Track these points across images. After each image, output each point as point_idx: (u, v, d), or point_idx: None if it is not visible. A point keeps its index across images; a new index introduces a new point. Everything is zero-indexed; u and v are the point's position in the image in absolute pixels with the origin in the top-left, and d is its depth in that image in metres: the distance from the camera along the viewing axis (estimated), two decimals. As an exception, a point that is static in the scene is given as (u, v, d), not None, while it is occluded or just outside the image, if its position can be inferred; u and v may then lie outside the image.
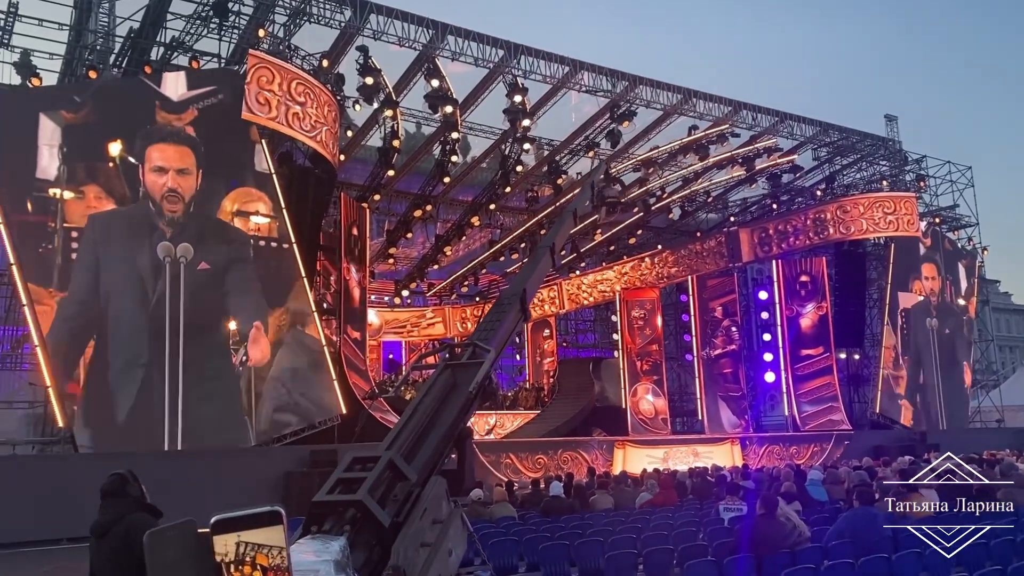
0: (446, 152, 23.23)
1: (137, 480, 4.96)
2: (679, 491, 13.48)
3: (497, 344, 3.57)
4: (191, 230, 16.77)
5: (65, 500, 12.46)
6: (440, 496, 2.86)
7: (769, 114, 26.06)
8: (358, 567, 2.03)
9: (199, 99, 17.14)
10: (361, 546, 2.23)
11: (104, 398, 15.53)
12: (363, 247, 23.16)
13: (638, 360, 28.50)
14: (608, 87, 22.85)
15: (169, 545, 1.40)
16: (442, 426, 4.21)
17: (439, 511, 2.68)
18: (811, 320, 28.90)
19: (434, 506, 2.70)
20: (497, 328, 3.55)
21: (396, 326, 33.17)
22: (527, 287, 3.80)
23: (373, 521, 2.26)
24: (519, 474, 19.91)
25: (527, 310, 3.69)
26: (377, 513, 2.35)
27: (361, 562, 2.15)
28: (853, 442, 25.81)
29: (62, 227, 15.74)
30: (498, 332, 3.61)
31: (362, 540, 2.27)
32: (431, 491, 2.86)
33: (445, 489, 3.02)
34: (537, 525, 10.10)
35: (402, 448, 3.68)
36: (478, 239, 30.24)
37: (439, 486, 2.94)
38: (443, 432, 4.07)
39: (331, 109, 18.91)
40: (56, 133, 16.00)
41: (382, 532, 2.26)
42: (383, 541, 2.11)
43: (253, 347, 16.90)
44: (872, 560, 6.63)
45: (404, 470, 2.93)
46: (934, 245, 30.24)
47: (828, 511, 10.30)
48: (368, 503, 2.47)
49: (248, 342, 16.85)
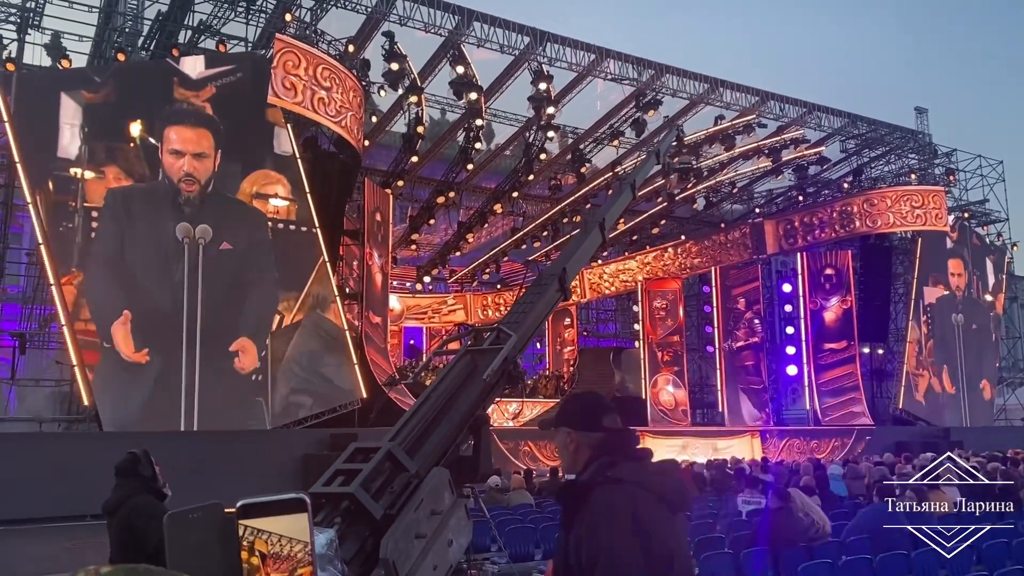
0: (470, 139, 23.20)
1: (151, 461, 5.06)
2: (698, 483, 13.46)
3: (526, 327, 3.50)
4: (210, 211, 16.89)
5: (89, 477, 12.62)
6: (441, 487, 2.86)
7: (797, 105, 25.75)
8: (349, 558, 2.03)
9: (217, 77, 17.23)
10: (353, 538, 2.24)
11: (123, 374, 15.70)
12: (386, 233, 23.22)
13: (659, 351, 28.44)
14: (634, 75, 22.68)
15: (193, 528, 1.40)
16: (455, 414, 4.20)
17: (439, 502, 2.68)
18: (835, 314, 28.66)
19: (433, 497, 2.70)
20: (529, 310, 3.49)
21: (417, 312, 33.28)
22: (567, 265, 3.70)
23: (365, 513, 2.27)
24: (537, 462, 19.96)
25: (567, 289, 3.61)
26: (369, 505, 2.36)
27: (352, 554, 2.16)
28: (875, 437, 25.59)
29: (82, 207, 15.90)
30: (529, 314, 3.55)
31: (354, 532, 2.28)
32: (430, 482, 2.86)
33: (448, 479, 3.01)
34: (554, 514, 10.11)
35: (407, 438, 3.68)
36: (500, 227, 30.22)
37: (440, 476, 2.93)
38: (456, 420, 4.06)
39: (356, 94, 18.94)
40: (77, 113, 16.16)
41: (375, 524, 2.27)
42: (376, 533, 2.10)
43: (243, 356, 16.99)
44: (891, 556, 6.58)
45: (404, 462, 2.93)
46: (961, 240, 29.83)
47: (848, 506, 10.24)
48: (360, 495, 2.48)
49: (239, 353, 16.96)
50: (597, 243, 4.15)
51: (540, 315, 3.46)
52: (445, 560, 2.52)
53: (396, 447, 3.25)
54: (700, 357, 31.24)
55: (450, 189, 25.62)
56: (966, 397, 28.90)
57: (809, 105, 26.01)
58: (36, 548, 11.42)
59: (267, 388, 17.06)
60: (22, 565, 10.13)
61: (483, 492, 10.23)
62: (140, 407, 15.72)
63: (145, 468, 4.99)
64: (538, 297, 3.48)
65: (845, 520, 8.28)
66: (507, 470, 14.88)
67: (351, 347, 18.36)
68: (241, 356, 16.78)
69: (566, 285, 3.54)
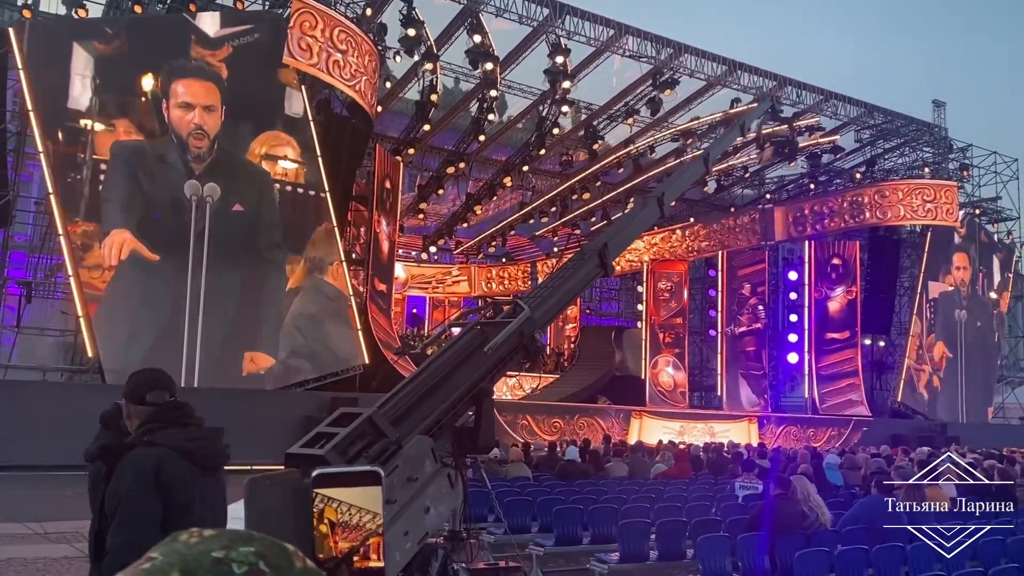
0: (483, 110, 23.06)
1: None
2: (694, 465, 13.51)
3: (551, 303, 3.48)
4: (218, 169, 16.83)
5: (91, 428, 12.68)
6: (421, 455, 2.88)
7: (814, 92, 25.53)
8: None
9: (235, 36, 17.09)
10: None
11: (126, 321, 15.73)
12: (395, 200, 23.16)
13: (661, 332, 28.44)
14: (652, 53, 22.47)
15: (269, 493, 1.41)
16: (454, 385, 4.20)
17: (417, 469, 2.70)
18: (839, 304, 28.61)
19: (410, 464, 2.72)
20: (558, 285, 3.49)
21: (422, 281, 33.29)
22: (610, 240, 3.67)
23: None
24: (534, 436, 20.05)
25: (608, 265, 3.57)
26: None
27: None
28: (872, 429, 25.67)
29: (91, 159, 15.86)
30: (558, 289, 3.54)
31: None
32: (408, 450, 2.89)
33: (431, 448, 3.05)
34: (552, 487, 10.18)
35: (396, 406, 3.70)
36: (509, 200, 30.13)
37: (420, 445, 2.96)
38: (455, 391, 4.06)
39: (372, 59, 18.79)
40: (89, 64, 16.05)
41: None
42: None
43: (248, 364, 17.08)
44: (887, 548, 6.61)
45: (384, 428, 2.96)
46: (969, 236, 29.71)
47: (843, 496, 10.28)
48: (331, 459, 2.53)
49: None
50: (653, 217, 4.09)
51: (573, 290, 3.43)
52: (420, 526, 2.54)
53: (378, 414, 3.28)
54: (702, 340, 31.25)
55: (460, 160, 25.51)
56: (964, 393, 28.94)
57: (826, 93, 25.79)
58: (37, 495, 11.52)
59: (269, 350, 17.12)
60: (23, 510, 10.22)
61: (483, 463, 10.29)
62: (142, 360, 15.76)
63: (125, 423, 5.05)
64: (572, 272, 3.46)
65: (841, 510, 8.31)
66: (505, 443, 14.95)
67: (355, 312, 18.38)
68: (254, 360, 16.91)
69: (607, 261, 3.50)
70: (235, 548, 0.70)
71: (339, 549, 1.28)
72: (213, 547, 0.69)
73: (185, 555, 0.69)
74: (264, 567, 0.69)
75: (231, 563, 0.68)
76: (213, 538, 0.71)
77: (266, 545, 0.71)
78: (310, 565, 0.73)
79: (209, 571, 0.67)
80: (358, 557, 1.30)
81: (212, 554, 0.69)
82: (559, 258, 32.79)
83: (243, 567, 0.68)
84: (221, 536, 0.71)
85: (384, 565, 1.34)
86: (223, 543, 0.70)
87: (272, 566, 0.70)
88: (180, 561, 0.68)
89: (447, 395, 4.22)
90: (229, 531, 0.72)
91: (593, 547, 8.12)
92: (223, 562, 0.68)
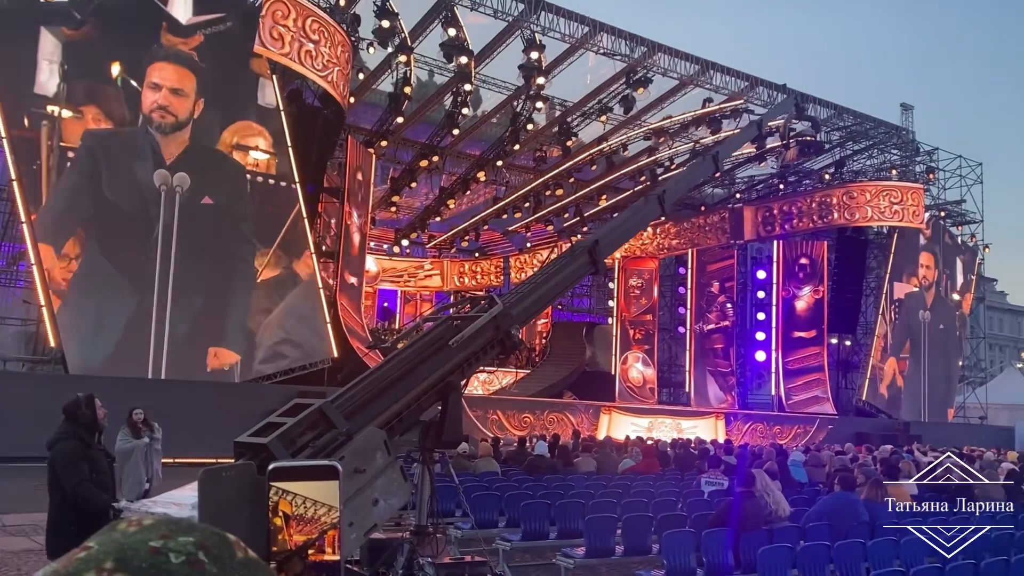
0: (457, 103, 22.96)
1: (93, 406, 5.46)
2: (661, 460, 13.61)
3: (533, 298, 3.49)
4: (189, 160, 16.62)
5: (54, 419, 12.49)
6: (372, 447, 2.88)
7: (785, 92, 25.69)
8: None
9: (207, 25, 16.89)
10: None
11: (90, 314, 15.49)
12: (366, 193, 23.02)
13: (631, 328, 28.61)
14: (626, 51, 22.52)
15: (225, 485, 1.40)
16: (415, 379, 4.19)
17: (366, 461, 2.71)
18: (806, 303, 28.96)
19: (358, 456, 2.73)
20: (541, 280, 3.50)
21: (393, 275, 33.15)
22: (601, 237, 3.68)
23: None
24: (504, 431, 20.06)
25: (598, 263, 3.57)
26: (281, 458, 2.41)
27: None
28: (836, 427, 26.02)
29: (59, 146, 15.58)
30: (542, 285, 3.55)
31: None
32: (358, 442, 2.89)
33: (383, 440, 3.05)
34: (520, 482, 10.19)
35: (353, 398, 3.68)
36: (482, 195, 30.06)
37: (371, 437, 2.95)
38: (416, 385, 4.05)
39: (344, 50, 18.64)
40: (57, 49, 15.78)
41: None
42: None
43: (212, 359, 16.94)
44: (848, 544, 6.70)
45: (334, 419, 2.96)
46: (934, 237, 30.21)
47: (807, 492, 10.41)
48: (273, 448, 2.54)
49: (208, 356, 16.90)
50: (652, 216, 4.09)
51: (559, 286, 3.42)
52: (368, 517, 2.54)
53: (328, 405, 3.28)
54: (671, 337, 31.47)
55: (434, 153, 25.39)
56: (927, 393, 29.44)
57: (797, 94, 25.98)
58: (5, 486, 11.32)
59: (241, 344, 16.97)
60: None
61: (451, 458, 10.28)
62: (108, 351, 15.54)
63: (85, 414, 5.41)
64: (557, 268, 3.47)
65: (805, 506, 8.42)
66: (475, 438, 14.94)
67: (325, 305, 18.26)
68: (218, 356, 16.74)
69: (597, 258, 3.47)
70: (174, 538, 0.68)
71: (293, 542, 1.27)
72: (151, 536, 0.68)
73: (122, 544, 0.67)
74: (203, 557, 0.68)
75: (168, 552, 0.67)
76: (152, 527, 0.69)
77: (207, 535, 0.70)
78: (252, 555, 0.72)
79: (145, 560, 0.66)
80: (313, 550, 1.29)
81: (150, 543, 0.67)
82: (532, 253, 32.83)
83: (180, 557, 0.67)
84: (160, 525, 0.69)
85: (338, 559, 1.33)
86: (162, 532, 0.69)
87: (212, 556, 0.68)
88: (116, 550, 0.67)
89: (407, 389, 4.22)
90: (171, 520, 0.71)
91: (560, 542, 8.14)
92: (160, 551, 0.67)
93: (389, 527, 8.80)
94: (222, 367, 16.69)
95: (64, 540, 5.20)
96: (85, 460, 5.28)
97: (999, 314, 65.45)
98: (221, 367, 16.68)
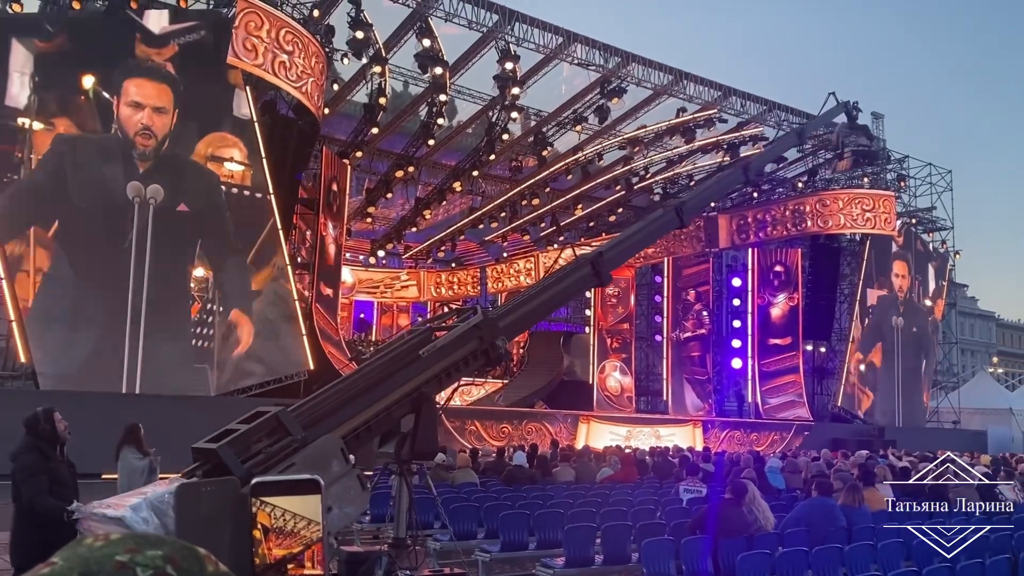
0: (432, 114, 22.96)
1: (52, 419, 5.59)
2: (640, 469, 13.63)
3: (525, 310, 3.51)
4: (162, 170, 16.48)
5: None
6: (328, 455, 2.88)
7: (757, 102, 26.02)
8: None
9: (180, 34, 16.78)
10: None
11: (60, 323, 15.26)
12: (341, 204, 22.93)
13: (608, 337, 28.68)
14: (600, 62, 22.65)
15: (204, 501, 1.38)
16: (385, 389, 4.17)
17: (320, 469, 2.72)
18: (781, 310, 29.19)
19: (310, 463, 2.75)
20: (537, 293, 3.53)
21: (369, 286, 33.01)
22: (606, 248, 3.68)
23: (227, 471, 2.44)
24: (483, 442, 20.01)
25: (602, 274, 3.56)
26: (231, 463, 2.45)
27: None
28: (813, 433, 26.21)
29: (29, 157, 15.40)
30: (536, 296, 3.58)
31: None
32: (311, 449, 2.90)
33: (340, 448, 3.04)
34: (499, 493, 10.16)
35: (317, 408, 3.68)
36: (458, 205, 30.06)
37: (326, 444, 2.96)
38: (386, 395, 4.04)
39: (319, 61, 18.59)
40: (28, 61, 15.61)
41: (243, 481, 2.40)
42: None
43: (240, 331, 16.91)
44: (826, 550, 6.75)
45: (289, 427, 2.98)
46: (906, 244, 30.59)
47: (785, 499, 10.46)
48: (223, 454, 2.58)
49: (236, 328, 16.82)
50: (669, 227, 4.08)
51: (556, 298, 3.41)
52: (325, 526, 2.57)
53: (285, 412, 3.29)
54: (648, 346, 31.58)
55: (409, 164, 25.37)
56: (901, 398, 29.75)
57: (770, 103, 26.31)
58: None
59: (212, 356, 16.78)
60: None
61: (429, 469, 10.23)
62: (80, 366, 15.31)
63: (43, 427, 5.56)
64: (555, 279, 3.49)
65: (783, 512, 8.46)
66: (453, 449, 14.88)
67: (300, 317, 18.13)
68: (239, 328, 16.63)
69: (601, 269, 3.44)
70: (142, 551, 0.67)
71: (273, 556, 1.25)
72: (118, 551, 0.66)
73: (87, 559, 0.66)
74: (171, 571, 0.66)
75: (136, 567, 0.65)
76: (119, 542, 0.67)
77: (176, 549, 0.68)
78: (223, 569, 0.70)
79: (111, 575, 0.64)
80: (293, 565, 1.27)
81: (116, 557, 0.66)
82: (509, 263, 32.83)
83: (148, 571, 0.65)
84: (127, 539, 0.68)
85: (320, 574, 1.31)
86: (129, 547, 0.67)
87: (181, 570, 0.67)
88: (81, 565, 0.65)
89: (374, 399, 4.18)
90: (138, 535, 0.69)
91: (539, 552, 8.12)
92: (127, 566, 0.65)
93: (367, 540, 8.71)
94: (200, 378, 16.51)
95: (28, 551, 5.31)
96: (45, 472, 5.37)
97: (970, 319, 66.47)
98: (197, 378, 16.50)
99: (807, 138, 6.63)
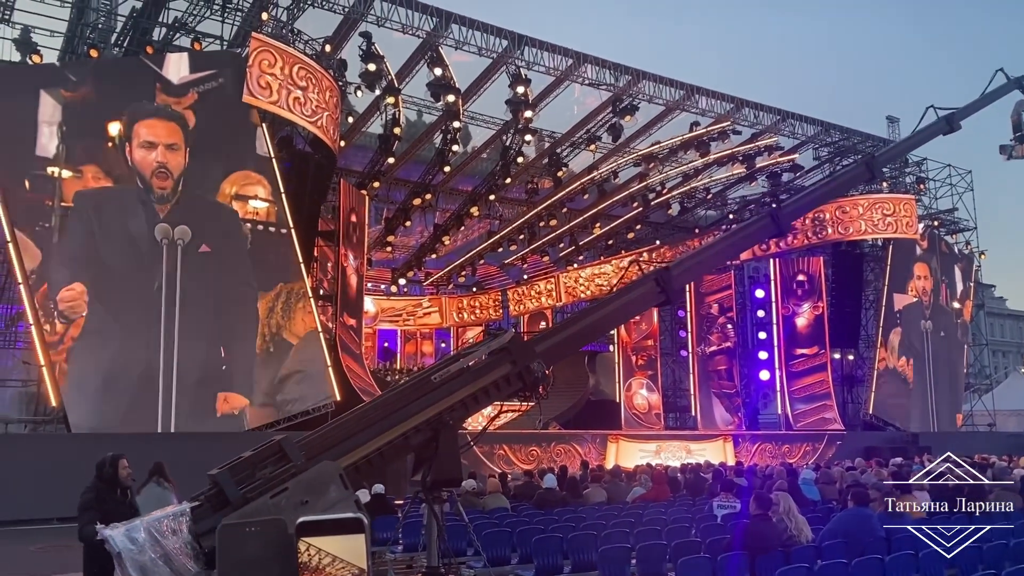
0: (447, 141, 23.15)
1: (115, 466, 6.27)
2: (672, 486, 13.47)
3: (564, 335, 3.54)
4: (187, 212, 16.69)
5: (56, 479, 12.41)
6: (323, 481, 2.93)
7: (771, 112, 25.98)
8: (203, 533, 2.35)
9: (200, 83, 17.04)
10: (211, 515, 2.61)
11: (96, 372, 15.45)
12: (361, 234, 23.08)
13: (633, 355, 28.52)
14: (611, 81, 22.76)
15: (249, 541, 1.39)
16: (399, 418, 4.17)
17: (316, 494, 2.77)
18: (807, 319, 28.93)
19: (305, 488, 2.81)
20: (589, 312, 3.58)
21: (392, 314, 33.11)
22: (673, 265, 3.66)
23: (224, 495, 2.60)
24: (512, 465, 19.92)
25: (668, 291, 3.53)
26: (226, 487, 2.58)
27: (205, 529, 2.45)
28: (845, 442, 25.86)
29: (59, 206, 15.67)
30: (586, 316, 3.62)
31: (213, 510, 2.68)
32: (307, 474, 2.95)
33: (339, 474, 3.07)
34: (531, 517, 10.08)
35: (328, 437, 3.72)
36: (476, 229, 30.17)
37: (324, 470, 3.01)
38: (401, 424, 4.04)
39: (332, 94, 18.81)
40: (56, 111, 15.92)
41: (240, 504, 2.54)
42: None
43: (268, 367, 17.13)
44: (866, 561, 6.61)
45: (290, 453, 3.05)
46: (931, 248, 30.27)
47: (821, 510, 10.30)
48: (220, 478, 2.71)
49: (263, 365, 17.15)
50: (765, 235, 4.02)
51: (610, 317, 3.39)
52: None
53: (287, 440, 3.37)
54: (673, 361, 31.39)
55: (426, 191, 25.54)
56: (934, 402, 29.29)
57: (783, 113, 26.26)
58: (2, 551, 11.18)
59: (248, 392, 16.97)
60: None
61: (459, 496, 10.19)
62: (116, 410, 15.47)
63: (107, 471, 6.28)
64: (613, 298, 3.51)
65: (819, 525, 8.33)
66: (482, 474, 14.82)
67: (325, 349, 18.21)
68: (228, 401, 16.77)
69: (667, 286, 3.39)
70: None
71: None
72: None
73: None
74: None
75: None
76: None
77: None
78: None
79: None
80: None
81: None
82: (529, 285, 32.83)
83: None
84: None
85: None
86: None
87: None
88: None
89: (386, 427, 4.15)
90: None
91: (574, 575, 8.04)
92: None
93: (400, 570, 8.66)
94: (232, 411, 16.63)
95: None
96: (97, 510, 5.86)
97: (1000, 320, 65.43)
98: (231, 411, 16.62)
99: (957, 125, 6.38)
